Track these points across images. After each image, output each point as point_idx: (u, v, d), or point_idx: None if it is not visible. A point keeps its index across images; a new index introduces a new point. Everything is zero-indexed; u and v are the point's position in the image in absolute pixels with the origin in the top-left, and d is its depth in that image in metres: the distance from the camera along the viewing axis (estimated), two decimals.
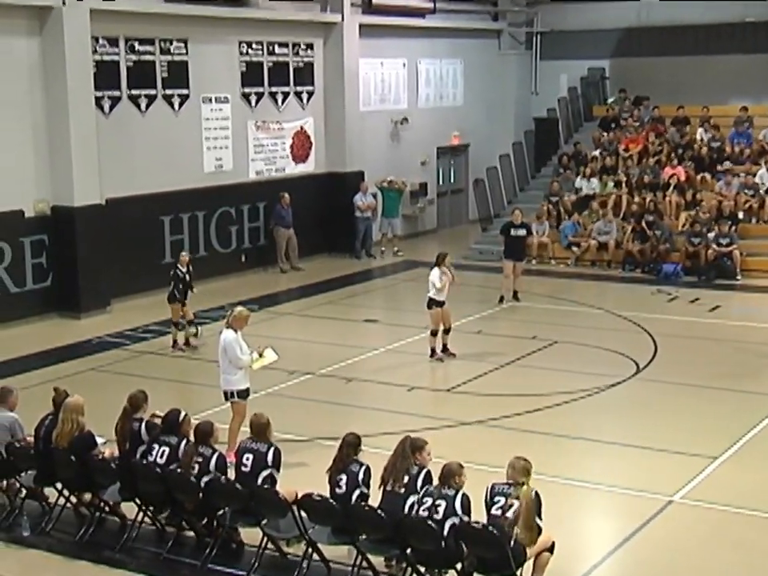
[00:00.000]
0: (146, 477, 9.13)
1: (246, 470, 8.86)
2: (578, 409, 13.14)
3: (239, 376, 11.12)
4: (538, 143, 28.53)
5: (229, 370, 11.12)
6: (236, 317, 11.20)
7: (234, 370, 11.08)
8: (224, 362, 11.13)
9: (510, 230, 19.19)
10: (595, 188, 24.08)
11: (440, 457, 8.70)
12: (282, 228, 22.27)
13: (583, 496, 10.50)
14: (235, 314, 11.24)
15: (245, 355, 11.09)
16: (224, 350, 11.10)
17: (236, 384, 11.12)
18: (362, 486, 8.47)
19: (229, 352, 11.04)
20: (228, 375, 11.15)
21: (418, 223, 27.13)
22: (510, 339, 16.72)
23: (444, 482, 8.00)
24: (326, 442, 11.42)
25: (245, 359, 11.08)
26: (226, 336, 11.11)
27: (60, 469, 9.53)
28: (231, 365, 11.07)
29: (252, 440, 8.99)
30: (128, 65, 19.44)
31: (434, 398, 14.09)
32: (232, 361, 11.05)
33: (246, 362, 11.09)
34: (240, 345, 11.10)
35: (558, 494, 10.04)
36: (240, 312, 11.27)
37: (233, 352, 11.01)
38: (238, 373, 11.10)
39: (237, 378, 11.11)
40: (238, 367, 11.08)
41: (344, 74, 23.58)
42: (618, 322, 17.71)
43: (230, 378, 11.14)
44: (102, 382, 14.48)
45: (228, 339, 11.08)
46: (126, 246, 19.12)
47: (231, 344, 11.04)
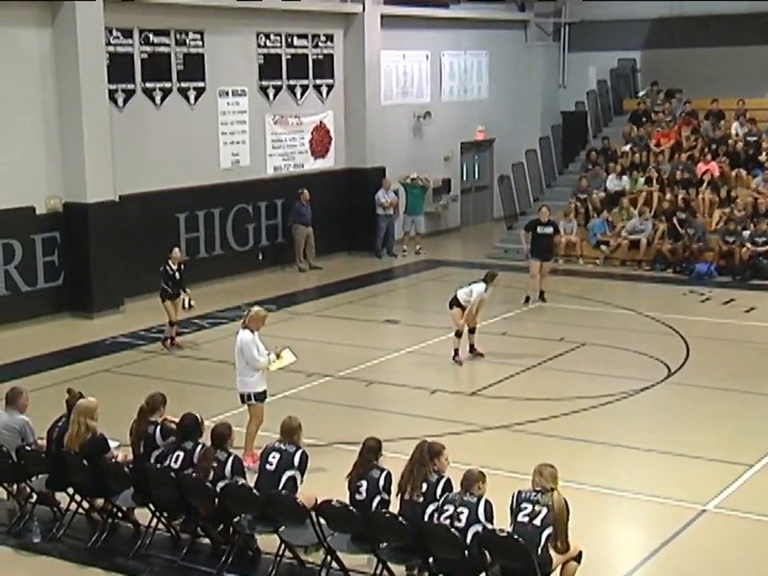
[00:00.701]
0: (161, 482, 9.15)
1: (271, 469, 8.89)
2: (607, 413, 13.09)
3: (256, 378, 11.14)
4: (566, 138, 28.42)
5: (245, 372, 11.14)
6: (253, 317, 11.22)
7: (251, 371, 11.11)
8: (240, 363, 11.16)
9: (537, 227, 19.14)
10: (625, 185, 23.99)
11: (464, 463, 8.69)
12: (301, 226, 22.29)
13: (612, 504, 10.46)
14: (252, 314, 11.25)
15: (262, 356, 11.11)
16: (240, 351, 11.13)
17: (253, 386, 11.14)
18: (383, 493, 8.47)
19: (245, 353, 11.07)
20: (244, 377, 11.17)
21: (441, 221, 27.11)
22: (536, 341, 16.69)
23: (466, 488, 7.98)
24: (345, 447, 11.41)
25: (262, 361, 11.10)
26: (243, 336, 11.14)
27: (72, 473, 9.57)
28: (248, 366, 11.10)
29: (280, 441, 9.04)
30: (142, 57, 19.52)
31: (457, 401, 14.05)
32: (249, 362, 11.08)
33: (263, 363, 11.12)
34: (257, 346, 11.12)
35: (585, 501, 10.00)
36: (257, 312, 11.29)
37: (249, 353, 11.03)
38: (254, 375, 11.12)
39: (254, 380, 11.14)
40: (255, 369, 11.10)
41: (365, 66, 23.59)
42: (648, 323, 17.64)
43: (247, 380, 11.16)
44: (116, 383, 14.54)
45: (245, 340, 11.10)
46: (139, 244, 19.19)
47: (248, 345, 11.06)
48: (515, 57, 28.65)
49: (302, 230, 22.31)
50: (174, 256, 16.21)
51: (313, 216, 22.30)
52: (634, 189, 23.87)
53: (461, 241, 27.00)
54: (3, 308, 17.51)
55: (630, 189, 23.91)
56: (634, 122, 26.21)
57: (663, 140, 25.01)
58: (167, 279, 16.09)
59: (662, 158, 24.59)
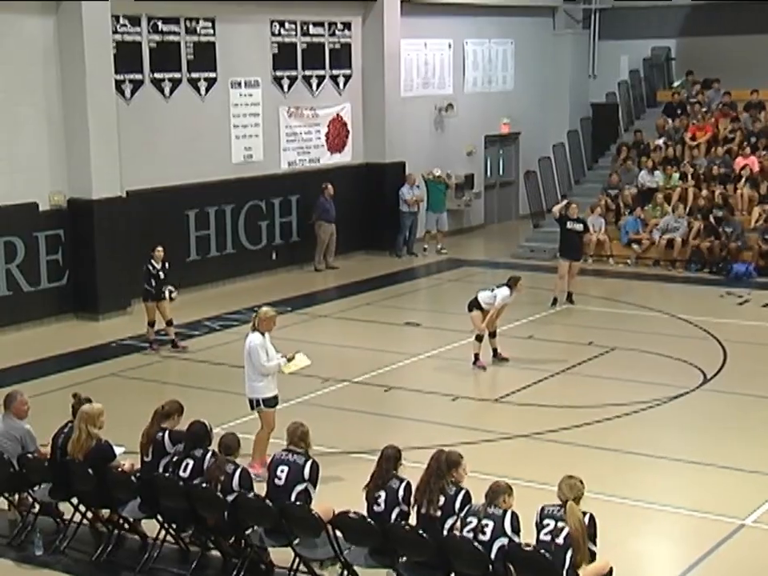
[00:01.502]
0: (169, 492, 9.17)
1: (280, 483, 8.86)
2: (639, 422, 13.05)
3: (266, 383, 11.10)
4: (596, 131, 28.36)
5: (254, 377, 11.11)
6: (261, 318, 11.18)
7: (260, 376, 11.07)
8: (249, 367, 11.14)
9: (567, 222, 19.07)
10: (658, 180, 23.91)
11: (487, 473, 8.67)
12: (326, 223, 22.26)
13: (644, 517, 10.40)
14: (260, 315, 11.21)
15: (272, 361, 11.08)
16: (249, 355, 11.10)
17: (262, 391, 11.11)
18: (402, 504, 8.45)
19: (253, 357, 11.03)
20: (253, 382, 11.14)
21: (464, 218, 27.08)
22: (563, 345, 16.65)
23: (491, 501, 7.93)
24: (363, 456, 11.42)
25: (270, 365, 11.06)
26: (252, 339, 11.10)
27: (76, 482, 9.59)
28: (256, 371, 11.08)
29: (288, 451, 8.99)
30: (151, 46, 19.57)
31: (480, 408, 14.05)
32: (256, 367, 11.05)
33: (271, 368, 11.08)
34: (267, 349, 11.09)
35: (616, 514, 9.98)
36: (265, 313, 11.24)
37: (257, 357, 10.99)
38: (264, 379, 11.08)
39: (263, 385, 11.10)
40: (263, 374, 11.06)
41: (384, 56, 23.58)
42: (683, 326, 17.57)
43: (256, 385, 11.14)
44: (122, 388, 14.60)
45: (254, 343, 11.06)
46: (147, 242, 19.16)
47: (256, 348, 11.02)
48: (542, 45, 28.59)
49: (327, 227, 22.26)
50: (157, 254, 16.23)
51: None
52: (667, 185, 23.78)
53: (484, 240, 26.96)
54: (5, 309, 17.59)
55: (663, 185, 23.82)
56: (668, 114, 26.12)
57: (699, 133, 24.91)
58: (150, 278, 16.13)
59: (698, 152, 24.50)
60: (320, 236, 22.32)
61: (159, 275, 16.17)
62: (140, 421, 9.84)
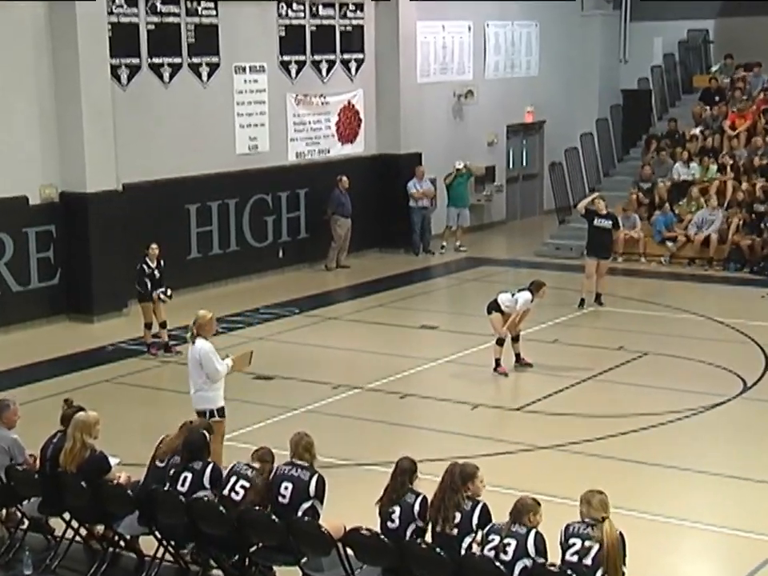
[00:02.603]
0: (168, 506, 9.18)
1: (285, 502, 8.83)
2: (672, 433, 13.02)
3: (217, 392, 11.01)
4: (627, 120, 28.34)
5: (205, 387, 10.99)
6: (201, 323, 11.06)
7: (211, 386, 11.01)
8: (197, 377, 11.01)
9: (594, 218, 19.05)
10: (695, 173, 23.86)
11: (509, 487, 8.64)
12: (342, 217, 22.28)
13: (678, 536, 10.37)
14: (198, 319, 11.10)
15: (221, 365, 11.07)
16: (199, 364, 10.97)
17: (214, 401, 10.98)
18: (418, 520, 8.44)
19: (206, 365, 10.92)
20: (204, 392, 11.01)
21: (484, 214, 27.09)
22: (591, 350, 16.63)
23: (515, 518, 7.90)
24: (375, 468, 11.40)
25: (223, 370, 11.05)
26: (202, 346, 10.96)
27: (68, 496, 9.60)
28: (209, 380, 11.03)
29: (291, 465, 8.99)
30: (149, 28, 19.62)
31: (501, 418, 14.05)
32: (210, 375, 10.96)
33: (223, 372, 11.06)
34: (216, 355, 11.08)
35: (647, 532, 9.95)
36: (203, 316, 11.14)
37: (211, 364, 10.91)
38: (214, 389, 10.98)
39: (214, 395, 10.97)
40: (215, 380, 11.01)
41: (399, 39, 23.61)
42: (720, 330, 17.53)
43: (207, 395, 11.00)
44: (118, 394, 14.61)
45: (204, 350, 10.95)
46: (145, 239, 19.19)
47: (208, 355, 10.91)
48: (569, 28, 28.57)
49: (344, 222, 22.27)
50: (152, 252, 16.25)
51: None
52: (704, 177, 23.73)
53: (506, 237, 26.95)
54: None
55: (700, 177, 23.77)
56: (705, 101, 26.07)
57: (739, 121, 24.85)
58: (144, 278, 16.17)
59: (738, 142, 24.43)
60: (336, 232, 22.30)
61: (154, 275, 16.20)
62: (137, 430, 9.87)
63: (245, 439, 10.78)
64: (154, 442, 9.82)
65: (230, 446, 11.26)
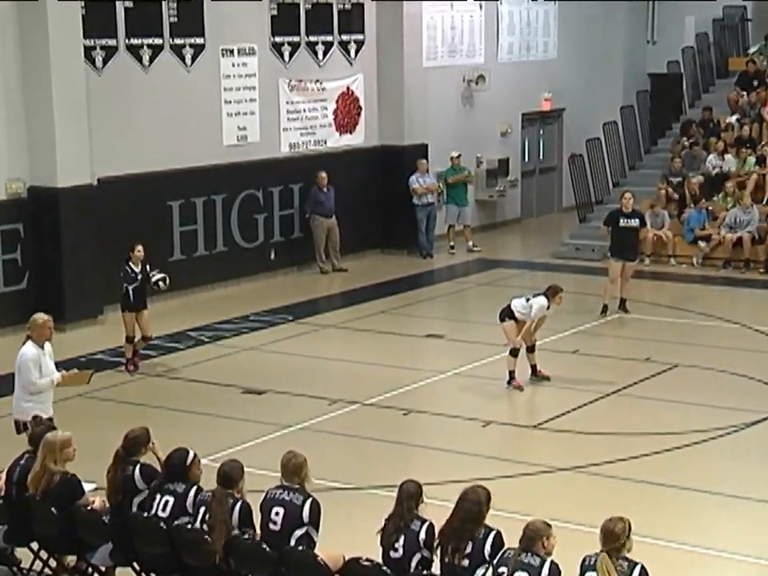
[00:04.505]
0: (147, 534, 9.18)
1: (276, 529, 8.83)
2: (705, 454, 13.02)
3: (36, 404, 11.06)
4: (655, 107, 28.35)
5: (22, 395, 11.15)
6: (32, 325, 11.28)
7: (30, 395, 11.09)
8: (18, 383, 11.20)
9: (619, 219, 19.09)
10: (731, 165, 23.88)
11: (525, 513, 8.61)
12: (321, 217, 22.37)
13: (710, 567, 10.38)
14: (32, 321, 11.30)
15: (44, 378, 11.12)
16: (18, 370, 11.17)
17: (28, 413, 11.01)
18: (424, 549, 8.44)
19: (23, 373, 11.10)
20: (22, 401, 11.17)
21: (497, 211, 27.11)
22: (615, 361, 16.64)
23: (526, 546, 7.89)
24: (377, 492, 11.43)
25: (42, 383, 11.11)
26: (24, 353, 11.16)
27: (37, 523, 9.60)
28: (24, 389, 11.11)
29: (283, 488, 8.99)
30: (126, 6, 19.63)
31: (516, 435, 14.05)
32: (25, 385, 11.08)
33: (42, 385, 11.11)
34: (41, 364, 11.12)
35: (676, 562, 9.96)
36: (35, 320, 11.33)
37: (27, 375, 11.04)
38: (34, 400, 11.08)
39: (31, 407, 11.05)
40: (32, 392, 11.07)
41: (403, 18, 23.64)
42: (758, 339, 17.54)
43: (24, 405, 11.12)
44: (93, 411, 14.61)
45: (25, 357, 11.13)
46: (123, 239, 19.23)
47: (27, 364, 11.08)
48: (591, 6, 28.55)
49: (322, 222, 22.39)
50: (136, 255, 16.08)
51: (337, 205, 22.36)
52: (741, 170, 23.76)
53: (521, 236, 26.95)
54: None
55: (736, 170, 23.80)
56: (742, 87, 26.09)
57: None
58: (129, 283, 16.03)
59: None
60: (315, 232, 22.45)
61: (138, 278, 16.12)
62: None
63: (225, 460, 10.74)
64: None
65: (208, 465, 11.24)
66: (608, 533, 7.74)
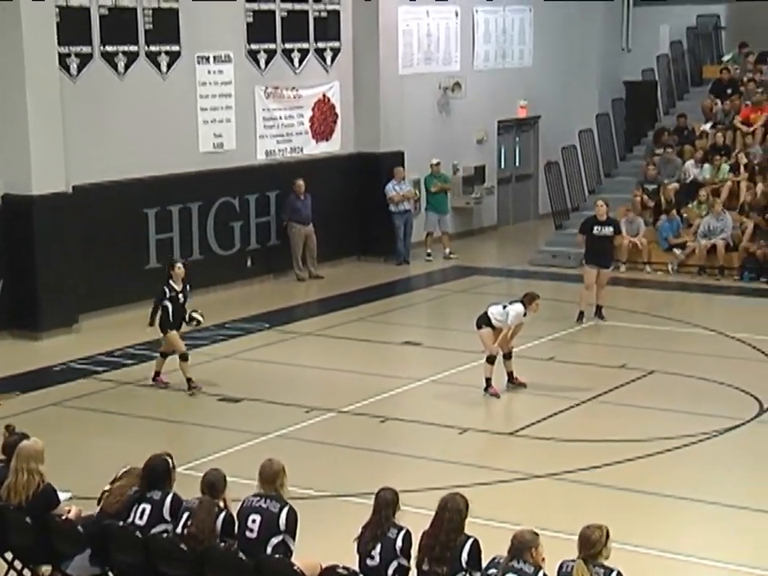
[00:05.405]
0: (124, 543, 9.13)
1: (252, 536, 8.81)
2: (681, 460, 13.03)
3: None
4: (630, 115, 28.44)
5: None
6: None
7: None
8: None
9: (593, 227, 19.13)
10: (705, 173, 23.95)
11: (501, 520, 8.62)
12: (298, 224, 22.35)
13: (687, 573, 10.37)
14: None
15: None
16: None
17: None
18: (401, 557, 8.43)
19: None
20: None
21: (473, 218, 27.12)
22: (591, 368, 16.65)
23: (514, 556, 7.85)
24: (354, 500, 11.41)
25: None
26: None
27: (11, 533, 9.54)
28: None
29: (260, 496, 8.97)
30: (101, 13, 19.58)
31: (492, 443, 14.04)
32: None
33: None
34: None
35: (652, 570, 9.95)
36: None
37: None
38: None
39: None
40: None
41: (379, 26, 23.64)
42: (734, 347, 17.58)
43: None
44: (67, 420, 14.53)
45: None
46: (98, 247, 19.23)
47: None
48: (567, 13, 28.65)
49: (299, 229, 22.37)
50: (177, 272, 15.55)
51: (314, 212, 22.35)
52: (716, 178, 23.82)
53: (498, 243, 26.97)
54: None
55: (711, 178, 23.86)
56: (716, 94, 26.18)
57: (754, 116, 24.97)
58: (168, 303, 15.49)
59: (752, 138, 24.55)
60: (292, 240, 22.44)
61: (179, 298, 15.57)
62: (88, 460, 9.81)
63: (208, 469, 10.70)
64: (107, 474, 9.77)
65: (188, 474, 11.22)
66: (585, 540, 7.74)
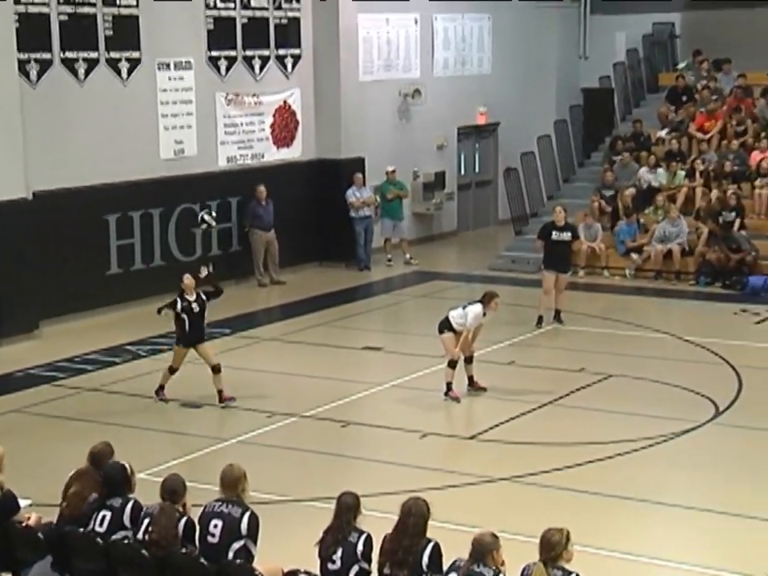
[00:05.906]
0: (84, 550, 9.07)
1: (214, 541, 8.77)
2: (639, 462, 13.08)
3: None
4: (588, 121, 28.53)
5: None
6: None
7: None
8: None
9: (552, 233, 19.18)
10: (661, 179, 24.07)
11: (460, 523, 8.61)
12: (260, 230, 22.32)
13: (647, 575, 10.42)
14: None
15: None
16: None
17: None
18: (362, 561, 8.41)
19: None
20: None
21: (433, 224, 27.15)
22: (550, 372, 16.70)
23: (476, 559, 7.84)
24: (315, 504, 11.38)
25: None
26: None
27: None
28: None
29: (221, 501, 8.93)
30: (61, 19, 19.48)
31: (452, 447, 14.06)
32: None
33: None
34: None
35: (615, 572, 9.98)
36: None
37: None
38: None
39: None
40: None
41: (339, 33, 23.65)
42: (690, 350, 17.66)
43: None
44: (28, 426, 14.44)
45: None
46: (59, 253, 19.12)
47: None
48: (524, 21, 28.74)
49: (261, 235, 22.36)
50: (187, 284, 15.32)
51: (275, 218, 22.32)
52: (672, 184, 23.95)
53: (458, 249, 27.01)
54: None
55: (667, 184, 23.98)
56: (671, 102, 26.33)
57: (708, 123, 25.12)
58: (182, 315, 15.14)
59: (707, 145, 24.69)
60: (253, 246, 22.45)
61: (192, 308, 15.30)
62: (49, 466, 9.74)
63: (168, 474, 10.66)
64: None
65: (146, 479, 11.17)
66: (545, 542, 7.75)
